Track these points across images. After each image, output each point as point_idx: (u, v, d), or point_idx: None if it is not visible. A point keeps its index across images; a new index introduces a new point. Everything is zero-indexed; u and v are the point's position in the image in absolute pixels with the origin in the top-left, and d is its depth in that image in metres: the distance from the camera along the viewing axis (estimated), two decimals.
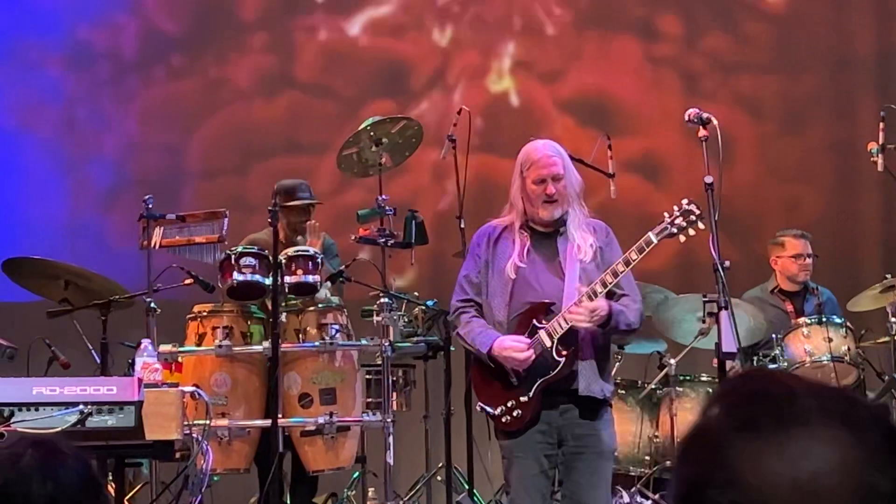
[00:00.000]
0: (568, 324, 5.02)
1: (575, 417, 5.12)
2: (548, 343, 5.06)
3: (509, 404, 5.12)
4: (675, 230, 5.08)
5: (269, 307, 6.37)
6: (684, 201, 5.12)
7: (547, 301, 5.10)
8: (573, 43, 9.62)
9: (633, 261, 5.03)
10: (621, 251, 5.24)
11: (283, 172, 7.87)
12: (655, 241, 5.05)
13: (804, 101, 9.66)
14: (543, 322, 5.08)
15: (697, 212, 5.09)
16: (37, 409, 4.71)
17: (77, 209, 9.16)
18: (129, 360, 6.32)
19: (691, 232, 5.10)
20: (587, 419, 5.12)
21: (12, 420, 4.66)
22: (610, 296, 5.09)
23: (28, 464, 2.12)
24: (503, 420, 5.15)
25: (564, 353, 5.05)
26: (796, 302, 7.86)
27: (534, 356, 5.05)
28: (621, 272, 5.03)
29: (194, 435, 5.45)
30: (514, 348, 5.05)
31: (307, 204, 7.15)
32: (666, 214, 5.11)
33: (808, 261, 7.83)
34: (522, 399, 5.09)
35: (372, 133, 6.95)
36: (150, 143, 9.34)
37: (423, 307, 7.06)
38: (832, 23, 9.75)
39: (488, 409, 5.19)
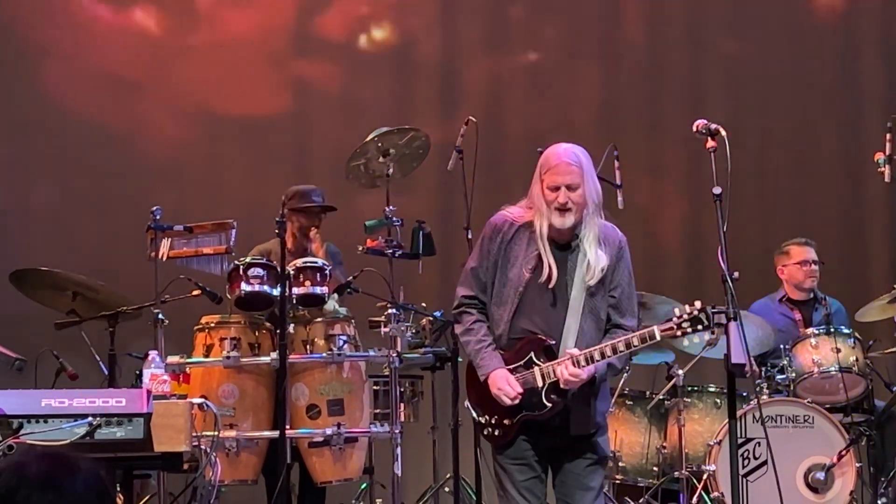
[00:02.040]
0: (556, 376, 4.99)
1: (566, 444, 5.10)
2: (539, 383, 4.99)
3: (493, 419, 5.08)
4: (679, 333, 5.01)
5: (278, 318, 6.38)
6: (697, 305, 5.00)
7: (548, 342, 5.01)
8: None
9: (634, 346, 4.97)
10: (631, 271, 5.17)
11: None
12: (658, 338, 4.99)
13: (811, 110, 9.65)
14: (541, 360, 5.01)
15: (705, 322, 4.98)
16: (46, 421, 4.71)
17: (84, 220, 9.16)
18: (137, 372, 6.33)
19: (696, 339, 5.05)
20: (580, 440, 5.09)
21: (21, 432, 4.66)
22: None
23: (32, 473, 2.12)
24: (484, 432, 5.13)
25: (555, 400, 5.00)
26: (805, 311, 7.87)
27: (519, 400, 5.01)
28: (621, 351, 4.96)
29: (202, 446, 5.45)
30: (504, 392, 4.99)
31: (322, 208, 7.17)
32: (676, 312, 4.99)
33: (814, 267, 7.85)
34: (505, 421, 5.06)
35: (379, 144, 6.95)
36: None
37: (431, 318, 7.05)
38: (840, 35, 9.76)
39: (474, 413, 5.16)
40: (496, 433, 5.08)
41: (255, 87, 9.46)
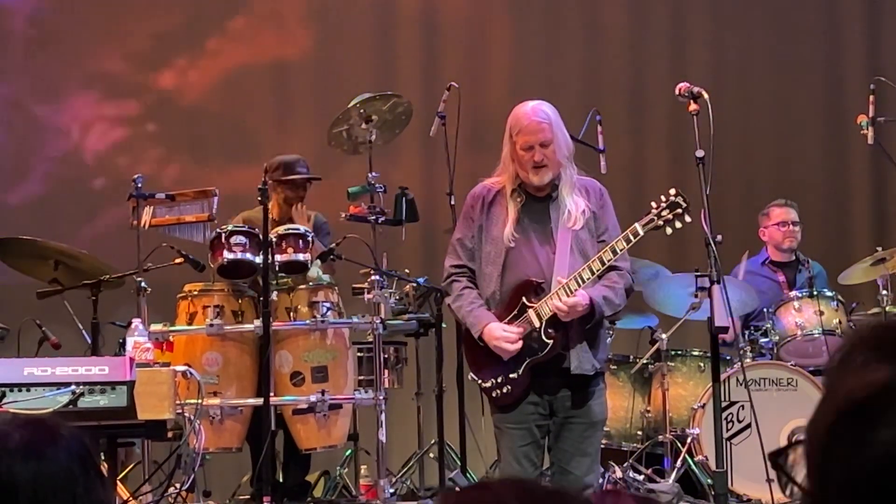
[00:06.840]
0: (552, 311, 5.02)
1: (567, 394, 5.12)
2: (536, 323, 5.05)
3: (499, 379, 5.12)
4: (661, 222, 5.05)
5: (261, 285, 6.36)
6: (671, 192, 5.09)
7: (536, 280, 5.08)
8: None
9: (620, 250, 5.02)
10: (615, 215, 5.22)
11: None
12: (642, 233, 5.04)
13: (794, 72, 9.63)
14: (533, 301, 5.07)
15: (684, 204, 5.05)
16: (28, 390, 4.69)
17: (66, 188, 9.12)
18: (120, 340, 6.31)
19: (678, 225, 5.07)
20: (580, 394, 5.13)
21: (4, 401, 4.65)
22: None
23: (14, 443, 2.10)
24: (493, 394, 5.16)
25: (553, 334, 5.04)
26: (788, 273, 7.88)
27: (521, 345, 5.05)
28: (608, 261, 5.02)
29: (186, 414, 5.45)
30: (503, 338, 5.04)
31: (307, 179, 7.14)
32: (653, 204, 5.07)
33: (794, 228, 7.85)
34: (511, 376, 5.10)
35: (362, 110, 6.92)
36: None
37: (415, 284, 7.04)
38: None
39: (478, 380, 5.20)
40: (505, 391, 5.11)
41: (235, 54, 9.40)
